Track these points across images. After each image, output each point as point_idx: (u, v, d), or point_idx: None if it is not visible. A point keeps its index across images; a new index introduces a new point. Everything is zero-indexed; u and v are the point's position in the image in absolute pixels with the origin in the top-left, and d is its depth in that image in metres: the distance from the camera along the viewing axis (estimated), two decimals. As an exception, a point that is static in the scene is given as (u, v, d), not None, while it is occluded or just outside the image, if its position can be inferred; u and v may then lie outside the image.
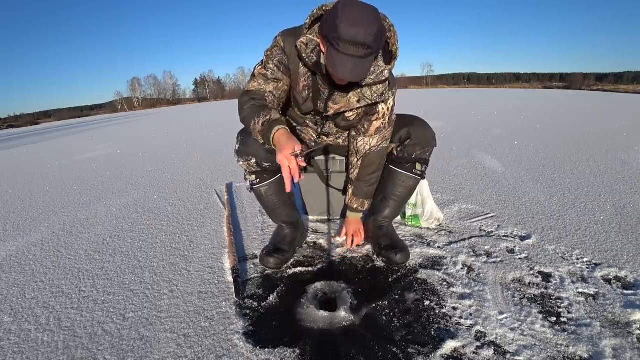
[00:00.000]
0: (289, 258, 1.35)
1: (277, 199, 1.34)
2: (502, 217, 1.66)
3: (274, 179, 1.29)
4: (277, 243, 1.36)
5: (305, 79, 1.10)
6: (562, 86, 42.39)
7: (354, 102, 1.08)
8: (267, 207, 1.38)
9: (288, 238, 1.38)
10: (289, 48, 1.07)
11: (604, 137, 3.69)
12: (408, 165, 1.31)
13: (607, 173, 2.30)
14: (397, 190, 1.35)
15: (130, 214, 2.05)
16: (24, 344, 1.00)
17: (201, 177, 2.84)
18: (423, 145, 1.28)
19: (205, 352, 0.92)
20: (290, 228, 1.40)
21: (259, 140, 1.05)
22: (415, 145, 1.27)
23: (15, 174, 3.88)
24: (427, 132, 1.28)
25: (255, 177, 1.28)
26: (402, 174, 1.32)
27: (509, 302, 1.05)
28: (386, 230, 1.39)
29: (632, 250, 1.29)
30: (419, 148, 1.28)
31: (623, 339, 0.88)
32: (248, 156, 1.22)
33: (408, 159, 1.30)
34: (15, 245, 1.73)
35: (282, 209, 1.37)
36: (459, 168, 2.63)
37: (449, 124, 5.47)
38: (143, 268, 1.38)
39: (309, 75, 1.09)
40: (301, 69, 1.09)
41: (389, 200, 1.37)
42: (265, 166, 1.24)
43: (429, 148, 1.30)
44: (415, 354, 0.88)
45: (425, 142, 1.28)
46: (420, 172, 1.32)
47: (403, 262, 1.28)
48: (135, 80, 68.63)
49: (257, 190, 1.32)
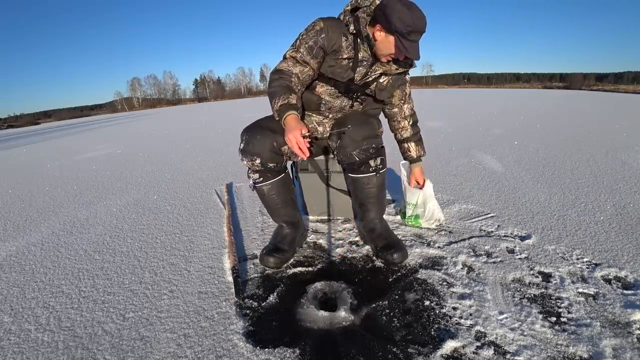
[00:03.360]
0: (288, 258, 1.35)
1: (278, 199, 1.35)
2: (502, 217, 1.66)
3: (277, 179, 1.31)
4: (277, 243, 1.36)
5: (349, 50, 1.24)
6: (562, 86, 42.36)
7: (393, 69, 1.30)
8: (269, 207, 1.39)
9: (288, 238, 1.38)
10: (332, 32, 1.22)
11: (604, 137, 3.69)
12: (362, 167, 1.28)
13: (607, 173, 2.30)
14: (367, 192, 1.33)
15: (130, 214, 2.05)
16: (24, 344, 1.00)
17: (201, 177, 2.84)
18: (357, 144, 1.22)
19: (205, 352, 0.92)
20: (291, 228, 1.41)
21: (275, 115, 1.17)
22: (346, 146, 1.23)
23: (15, 174, 3.88)
24: (359, 132, 1.23)
25: (259, 176, 1.30)
26: (361, 177, 1.30)
27: (509, 302, 1.05)
28: (379, 230, 1.39)
29: (632, 250, 1.29)
30: (353, 149, 1.23)
31: (623, 339, 0.88)
32: (253, 156, 1.23)
33: (355, 162, 1.26)
34: (15, 245, 1.73)
35: (283, 209, 1.38)
36: (459, 168, 2.63)
37: (449, 124, 5.47)
38: (143, 268, 1.39)
39: (352, 48, 1.24)
40: (345, 43, 1.23)
41: (367, 204, 1.37)
42: (269, 166, 1.25)
43: (368, 145, 1.23)
44: (415, 354, 0.88)
45: (358, 141, 1.22)
46: (376, 167, 1.28)
47: (401, 261, 1.28)
48: (135, 80, 68.71)
49: (259, 189, 1.33)
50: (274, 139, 1.22)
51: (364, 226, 1.42)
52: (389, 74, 1.32)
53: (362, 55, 1.25)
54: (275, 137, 1.21)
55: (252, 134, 1.22)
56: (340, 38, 1.22)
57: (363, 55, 1.25)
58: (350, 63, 1.26)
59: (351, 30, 1.21)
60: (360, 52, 1.24)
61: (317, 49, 1.21)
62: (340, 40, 1.22)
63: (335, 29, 1.21)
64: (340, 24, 1.23)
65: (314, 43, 1.21)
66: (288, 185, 1.38)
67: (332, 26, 1.21)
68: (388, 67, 1.28)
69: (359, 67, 1.27)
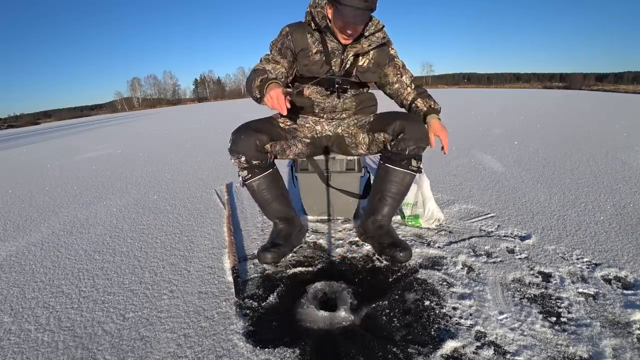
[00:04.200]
0: (285, 252, 1.36)
1: (269, 194, 1.39)
2: (502, 217, 1.66)
3: (264, 174, 1.36)
4: (273, 239, 1.39)
5: (316, 45, 1.33)
6: (562, 86, 42.35)
7: (365, 47, 1.32)
8: (261, 203, 1.43)
9: (283, 233, 1.40)
10: (295, 33, 1.33)
11: (604, 137, 3.69)
12: (404, 162, 1.32)
13: (607, 173, 2.30)
14: (394, 187, 1.36)
15: (130, 214, 2.05)
16: (24, 344, 1.00)
17: (201, 177, 2.84)
18: (416, 140, 1.27)
19: (205, 352, 0.92)
20: (285, 224, 1.43)
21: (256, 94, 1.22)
22: (408, 140, 1.27)
23: (15, 174, 3.88)
24: (420, 128, 1.29)
25: (247, 173, 1.35)
26: (399, 170, 1.34)
27: (509, 302, 1.05)
28: (387, 229, 1.39)
29: (632, 250, 1.29)
30: (412, 143, 1.27)
31: (623, 339, 0.88)
32: (238, 154, 1.28)
33: (402, 155, 1.30)
34: (15, 245, 1.73)
35: (275, 204, 1.41)
36: (459, 168, 2.63)
37: (449, 123, 5.44)
38: (143, 268, 1.39)
39: (319, 42, 1.32)
40: (310, 39, 1.32)
41: (387, 198, 1.38)
42: (254, 163, 1.31)
43: (422, 145, 1.29)
44: (415, 354, 0.88)
45: (418, 137, 1.27)
46: (416, 168, 1.35)
47: (406, 260, 1.29)
48: (135, 80, 68.80)
49: (249, 186, 1.38)
50: (257, 137, 1.28)
51: (373, 221, 1.41)
52: (362, 54, 1.34)
53: (332, 46, 1.32)
54: (258, 136, 1.28)
55: (238, 134, 1.28)
56: (305, 36, 1.33)
57: (332, 46, 1.32)
58: (323, 57, 1.33)
59: (314, 27, 1.31)
60: (328, 44, 1.32)
61: (285, 49, 1.33)
62: (305, 39, 1.33)
63: (298, 31, 1.33)
64: (303, 25, 1.35)
65: (282, 45, 1.33)
66: (277, 181, 1.42)
67: (295, 29, 1.34)
68: (359, 46, 1.32)
69: (333, 59, 1.33)
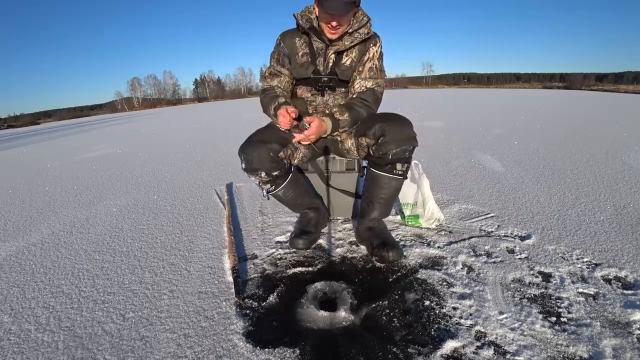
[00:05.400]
0: (316, 239, 1.46)
1: (295, 195, 1.45)
2: (502, 217, 1.66)
3: (287, 181, 1.39)
4: (303, 227, 1.46)
5: (303, 47, 1.39)
6: (562, 86, 42.31)
7: (347, 44, 1.34)
8: (289, 205, 1.52)
9: (313, 221, 1.49)
10: (286, 39, 1.41)
11: (604, 137, 3.69)
12: (388, 166, 1.30)
13: (607, 173, 2.29)
14: (382, 192, 1.37)
15: (130, 214, 2.05)
16: (24, 344, 1.00)
17: (201, 177, 2.84)
18: (399, 143, 1.23)
19: (205, 352, 0.92)
20: (314, 212, 1.51)
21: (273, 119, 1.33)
22: (390, 142, 1.23)
23: (15, 174, 3.88)
24: (403, 131, 1.24)
25: (271, 185, 1.38)
26: (384, 176, 1.32)
27: (509, 302, 1.05)
28: (377, 230, 1.40)
29: (632, 250, 1.29)
30: (395, 146, 1.23)
31: (623, 339, 0.88)
32: (256, 171, 1.29)
33: (386, 159, 1.27)
34: (15, 245, 1.73)
35: (302, 200, 1.49)
36: (459, 168, 2.63)
37: (449, 123, 5.47)
38: (143, 268, 1.39)
39: (305, 44, 1.38)
40: (297, 42, 1.39)
41: (375, 203, 1.39)
42: (275, 174, 1.32)
43: (407, 147, 1.25)
44: (415, 354, 0.88)
45: (401, 140, 1.23)
46: (402, 172, 1.31)
47: (396, 259, 1.27)
48: (135, 80, 68.66)
49: (276, 195, 1.43)
50: (268, 148, 1.26)
51: (362, 224, 1.43)
52: (344, 51, 1.36)
53: (317, 46, 1.37)
54: (268, 146, 1.26)
55: (248, 152, 1.27)
56: (293, 40, 1.40)
57: (317, 46, 1.37)
58: (309, 58, 1.38)
59: (301, 30, 1.37)
60: (314, 44, 1.37)
61: (282, 57, 1.42)
62: (294, 43, 1.40)
63: (288, 36, 1.41)
64: (293, 30, 1.42)
65: (278, 54, 1.43)
66: (299, 180, 1.47)
67: (286, 35, 1.42)
68: (340, 43, 1.35)
69: (318, 58, 1.38)
